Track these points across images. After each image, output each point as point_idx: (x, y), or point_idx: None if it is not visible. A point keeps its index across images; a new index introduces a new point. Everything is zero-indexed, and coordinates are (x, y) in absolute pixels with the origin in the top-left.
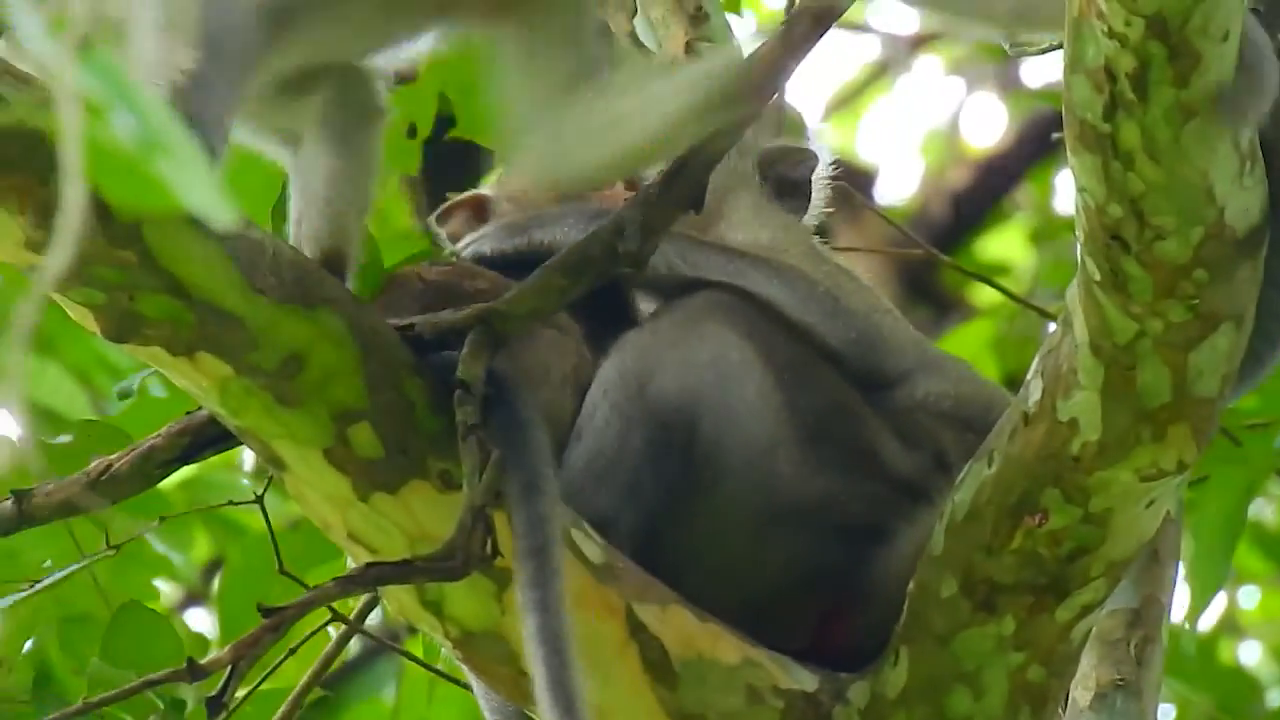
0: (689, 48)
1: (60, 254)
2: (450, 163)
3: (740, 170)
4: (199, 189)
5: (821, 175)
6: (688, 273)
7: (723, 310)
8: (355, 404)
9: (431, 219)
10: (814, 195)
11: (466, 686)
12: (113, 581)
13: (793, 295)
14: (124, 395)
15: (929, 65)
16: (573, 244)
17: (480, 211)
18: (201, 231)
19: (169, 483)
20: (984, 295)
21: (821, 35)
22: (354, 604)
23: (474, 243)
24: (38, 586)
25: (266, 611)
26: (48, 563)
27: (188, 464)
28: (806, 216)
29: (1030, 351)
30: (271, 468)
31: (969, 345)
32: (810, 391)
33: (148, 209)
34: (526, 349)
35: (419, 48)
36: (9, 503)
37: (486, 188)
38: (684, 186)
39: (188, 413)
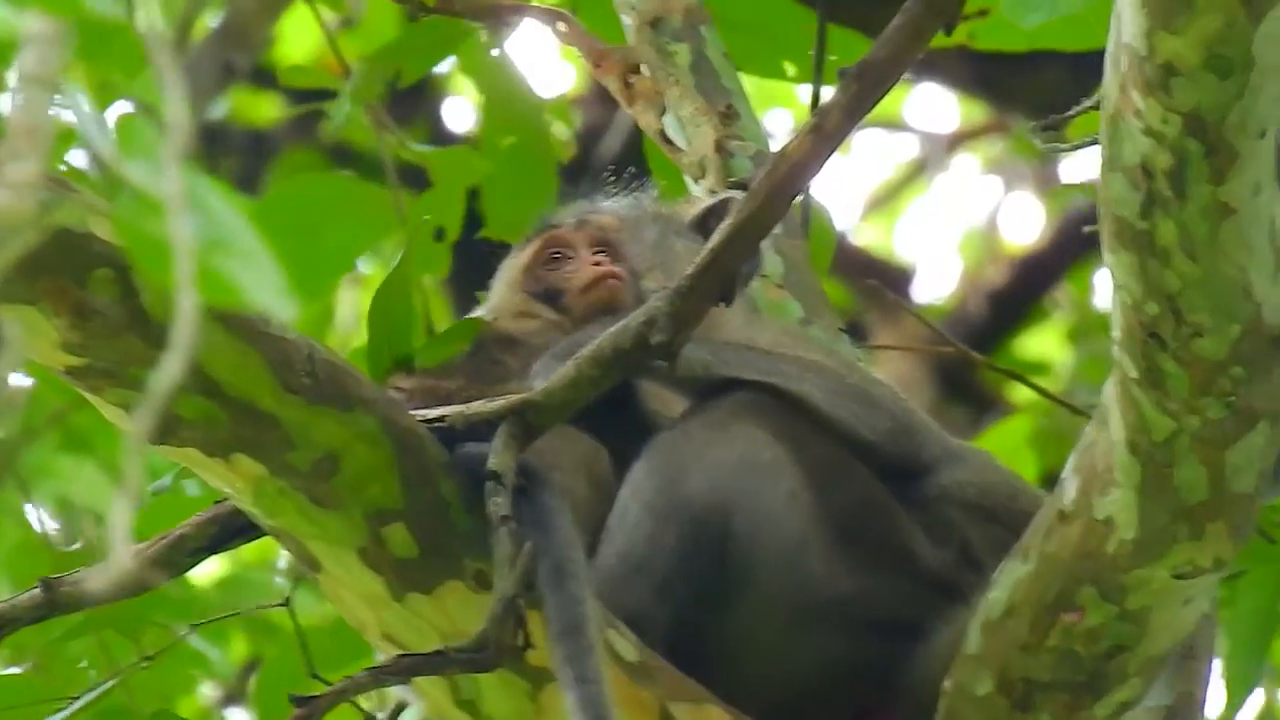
0: (719, 146)
1: (167, 378)
2: (480, 263)
3: (673, 248)
4: (263, 286)
5: (754, 275)
6: (723, 372)
7: (753, 410)
8: (390, 504)
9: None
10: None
11: None
12: (149, 678)
13: (825, 389)
14: (158, 493)
15: (966, 164)
16: (604, 336)
17: None
18: (237, 333)
19: (204, 580)
20: (1022, 394)
21: (853, 130)
22: (387, 706)
23: (532, 380)
24: (81, 701)
25: (298, 701)
26: (83, 663)
27: (216, 553)
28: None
29: (1068, 448)
30: (305, 568)
31: (1007, 442)
32: (841, 489)
33: (212, 305)
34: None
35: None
36: (38, 590)
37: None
38: (715, 279)
39: (216, 502)
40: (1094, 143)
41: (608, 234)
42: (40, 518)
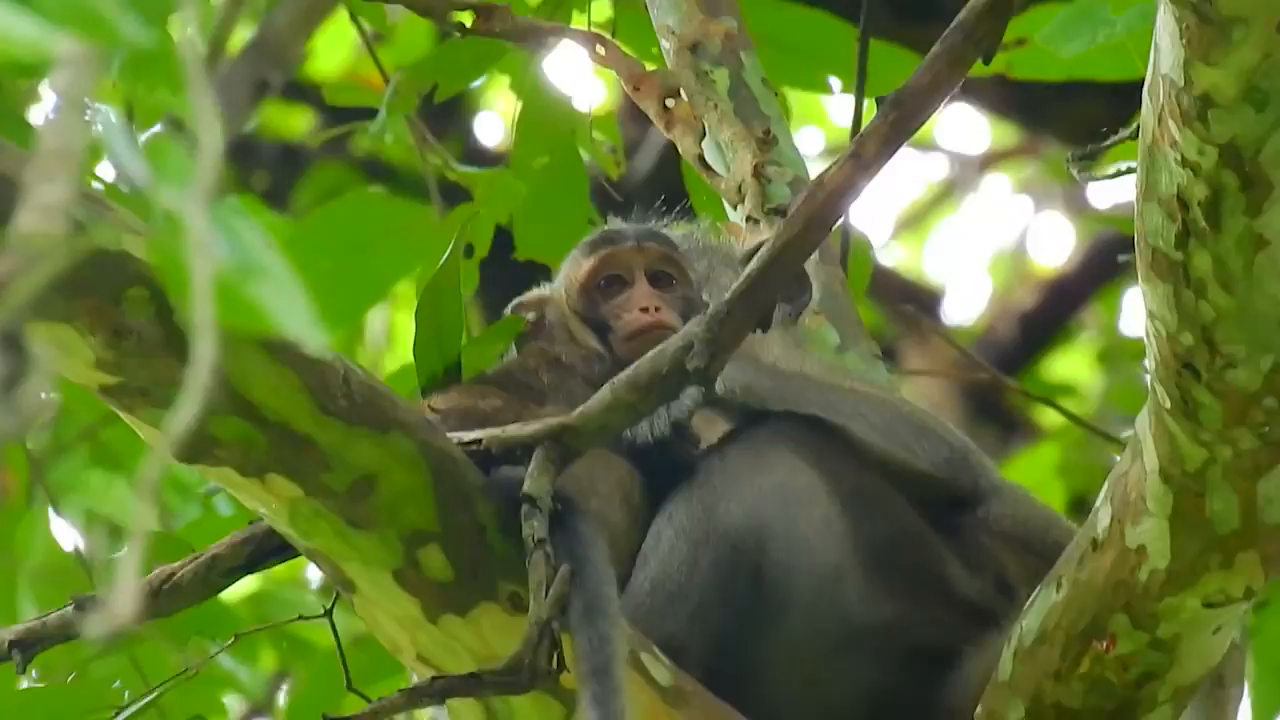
0: (757, 172)
1: (188, 409)
2: (507, 283)
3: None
4: (293, 312)
5: (812, 309)
6: (775, 407)
7: (789, 438)
8: (426, 526)
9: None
10: (810, 283)
11: None
12: (178, 698)
13: (879, 418)
14: (213, 493)
15: (996, 185)
16: (642, 361)
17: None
18: (274, 354)
19: (236, 598)
20: (1051, 416)
21: (890, 157)
22: None
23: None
24: (121, 717)
25: None
26: (117, 683)
27: (251, 573)
28: (805, 309)
29: (1097, 475)
30: (340, 589)
31: (1035, 469)
32: (876, 517)
33: (242, 331)
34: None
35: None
36: (70, 608)
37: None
38: (753, 305)
39: (251, 522)
40: (1129, 172)
41: (667, 259)
42: (70, 535)
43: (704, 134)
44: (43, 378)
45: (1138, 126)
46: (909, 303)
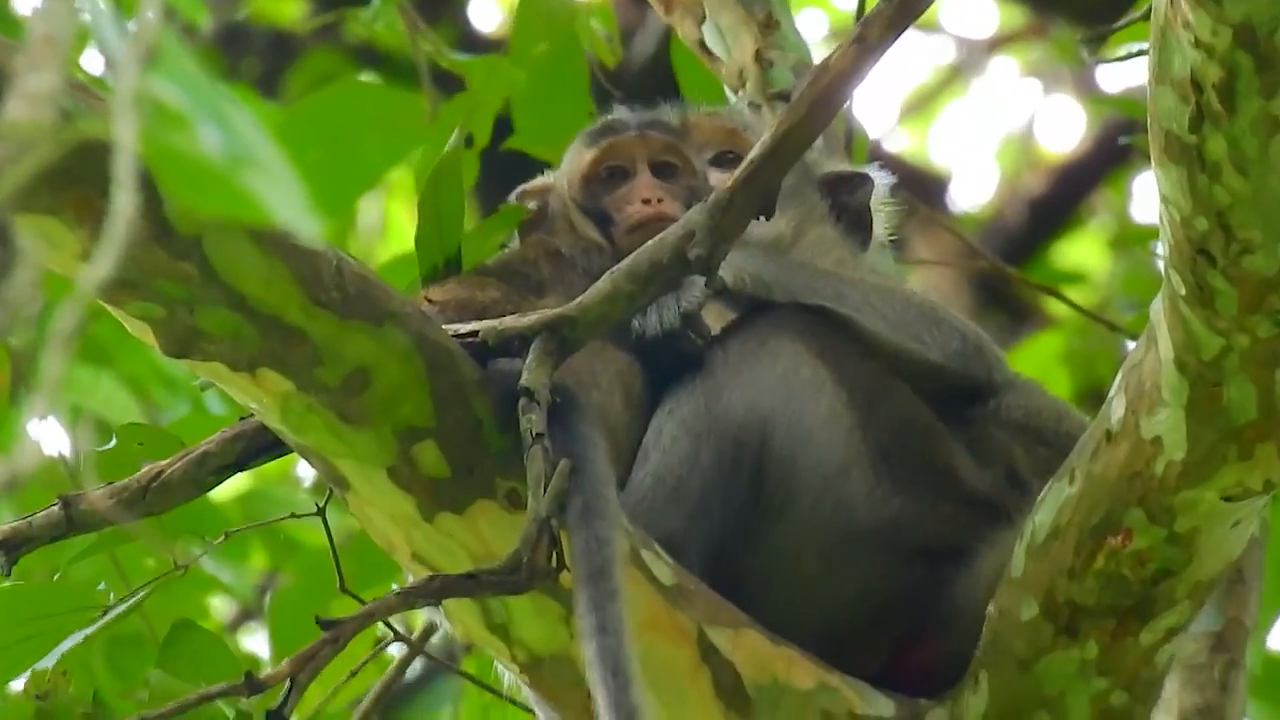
0: (758, 56)
1: (106, 259)
2: (508, 174)
3: (808, 198)
4: (286, 201)
5: (880, 202)
6: (781, 297)
7: (793, 327)
8: (421, 422)
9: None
10: (874, 224)
11: (526, 708)
12: (160, 601)
13: (889, 309)
14: (205, 387)
15: (1004, 68)
16: (641, 250)
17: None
18: (264, 245)
19: (224, 496)
20: (1060, 306)
21: (896, 41)
22: (415, 626)
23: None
24: (104, 619)
25: (325, 624)
26: (102, 585)
27: (242, 470)
28: (869, 248)
29: (1102, 365)
30: (333, 486)
31: (1039, 358)
32: (884, 409)
33: (234, 220)
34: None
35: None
36: (57, 508)
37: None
38: (755, 192)
39: (242, 418)
40: (1141, 54)
41: (670, 149)
42: (58, 433)
43: (704, 18)
44: (29, 271)
45: (1149, 7)
46: (914, 190)
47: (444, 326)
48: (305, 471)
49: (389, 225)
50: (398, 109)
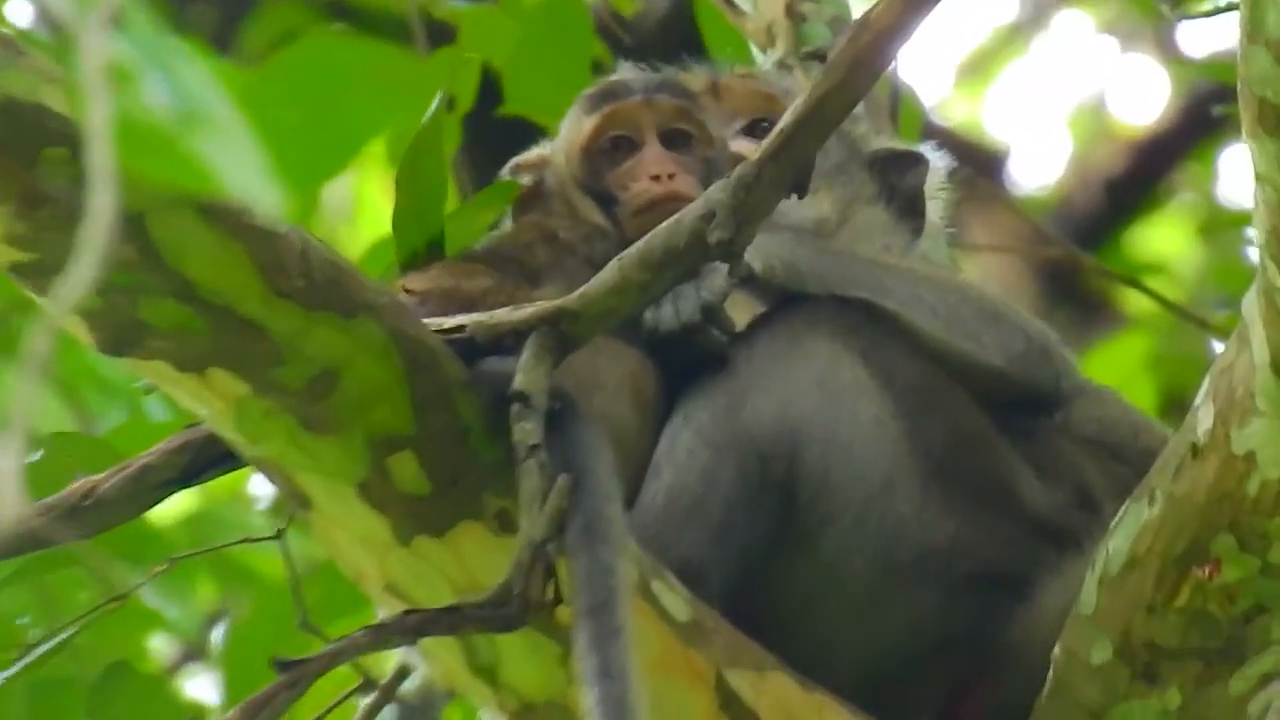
0: (790, 10)
1: (82, 273)
2: (496, 141)
3: (856, 178)
4: (243, 169)
5: (935, 186)
6: (817, 288)
7: (830, 321)
8: (398, 429)
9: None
10: (927, 210)
11: None
12: (92, 639)
13: (944, 302)
14: (147, 390)
15: (1074, 25)
16: (653, 233)
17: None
18: (217, 224)
19: (167, 517)
20: (1139, 300)
21: None
22: (386, 669)
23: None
24: (27, 659)
25: (283, 666)
26: (24, 618)
27: (189, 486)
28: (920, 235)
29: (1193, 370)
30: (295, 505)
31: (1116, 362)
32: (934, 418)
33: (182, 190)
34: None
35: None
36: None
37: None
38: (787, 166)
39: (189, 426)
40: (1231, 9)
41: (683, 115)
42: None
43: None
44: None
45: None
46: (970, 165)
47: (425, 320)
48: (262, 488)
49: (360, 207)
50: (386, 65)
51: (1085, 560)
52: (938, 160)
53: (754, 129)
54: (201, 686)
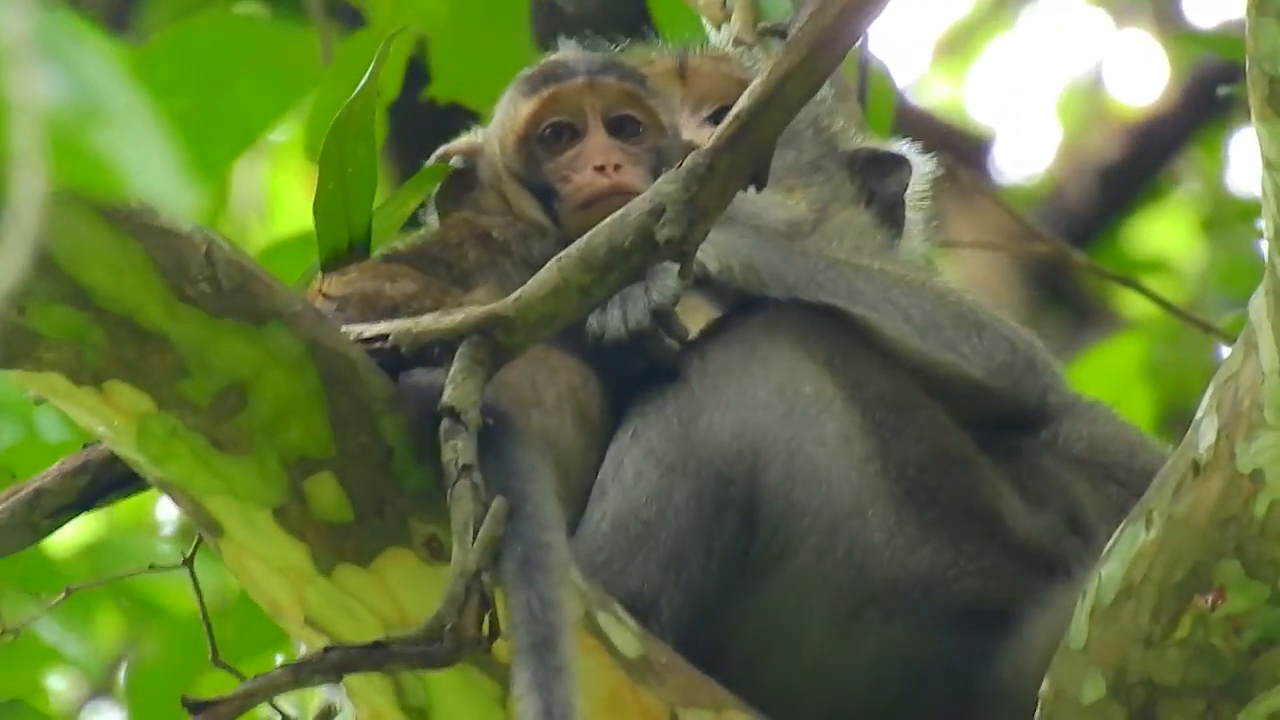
0: None
1: (10, 265)
2: (423, 127)
3: (834, 176)
4: (151, 166)
5: (918, 194)
6: (778, 292)
7: (792, 328)
8: (316, 450)
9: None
10: (906, 216)
11: None
12: None
13: (919, 307)
14: (39, 402)
15: None
16: (596, 230)
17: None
18: (114, 224)
19: (65, 546)
20: (1136, 302)
21: None
22: (308, 710)
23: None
24: None
25: (194, 706)
26: None
27: (87, 511)
28: (900, 241)
29: (1196, 378)
30: (204, 532)
31: (1111, 370)
32: (908, 435)
33: (82, 189)
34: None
35: None
36: None
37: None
38: (743, 155)
39: (86, 445)
40: None
41: (630, 99)
42: None
43: None
44: None
45: None
46: (950, 153)
47: (344, 328)
48: (168, 514)
49: (274, 202)
50: (284, 47)
51: (1076, 589)
52: (922, 164)
53: (723, 117)
54: None
